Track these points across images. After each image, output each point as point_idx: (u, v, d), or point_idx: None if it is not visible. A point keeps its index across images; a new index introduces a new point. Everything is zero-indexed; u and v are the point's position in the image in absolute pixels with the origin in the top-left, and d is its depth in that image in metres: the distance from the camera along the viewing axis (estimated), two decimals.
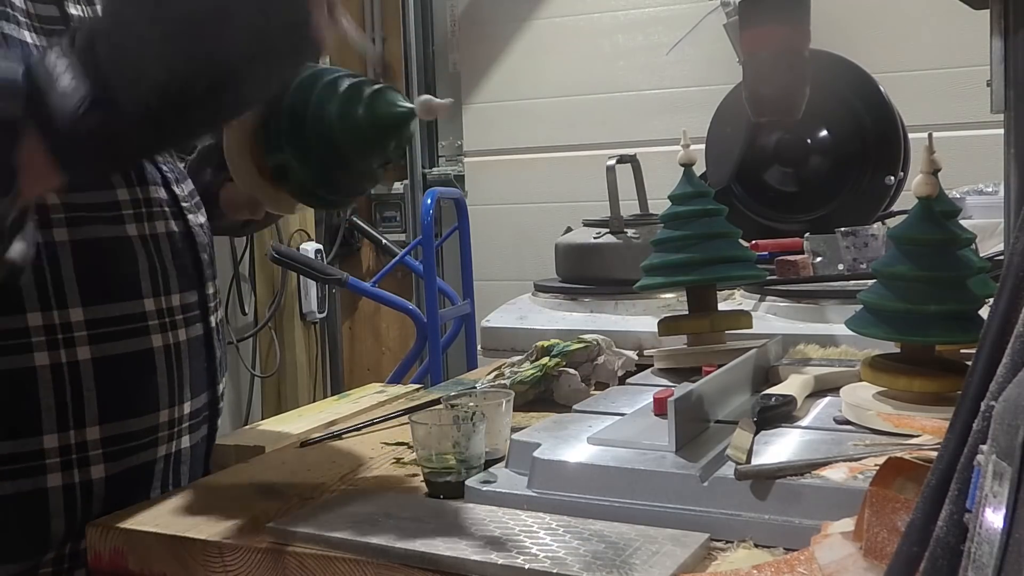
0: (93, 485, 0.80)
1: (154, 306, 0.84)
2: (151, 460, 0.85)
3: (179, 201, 0.89)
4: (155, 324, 0.84)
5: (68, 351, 0.79)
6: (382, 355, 3.63)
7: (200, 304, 0.90)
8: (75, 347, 0.79)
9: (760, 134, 1.72)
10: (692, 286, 1.06)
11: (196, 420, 0.90)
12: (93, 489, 0.80)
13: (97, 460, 0.80)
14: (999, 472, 0.37)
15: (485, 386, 1.03)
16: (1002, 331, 0.42)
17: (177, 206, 0.89)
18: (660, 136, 2.97)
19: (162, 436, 0.85)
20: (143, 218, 0.85)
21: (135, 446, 0.83)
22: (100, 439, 0.80)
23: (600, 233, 1.48)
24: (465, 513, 0.69)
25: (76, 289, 0.79)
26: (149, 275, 0.84)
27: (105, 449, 0.81)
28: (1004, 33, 0.76)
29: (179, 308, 0.87)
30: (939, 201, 0.82)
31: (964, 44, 2.59)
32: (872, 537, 0.53)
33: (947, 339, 0.79)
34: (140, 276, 0.84)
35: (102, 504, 0.81)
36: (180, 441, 0.88)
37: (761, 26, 1.05)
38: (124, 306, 0.82)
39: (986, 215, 1.57)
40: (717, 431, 0.77)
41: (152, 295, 0.84)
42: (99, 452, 0.80)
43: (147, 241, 0.85)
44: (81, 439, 0.80)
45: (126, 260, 0.83)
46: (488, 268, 3.28)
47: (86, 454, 0.80)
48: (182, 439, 0.88)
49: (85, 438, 0.80)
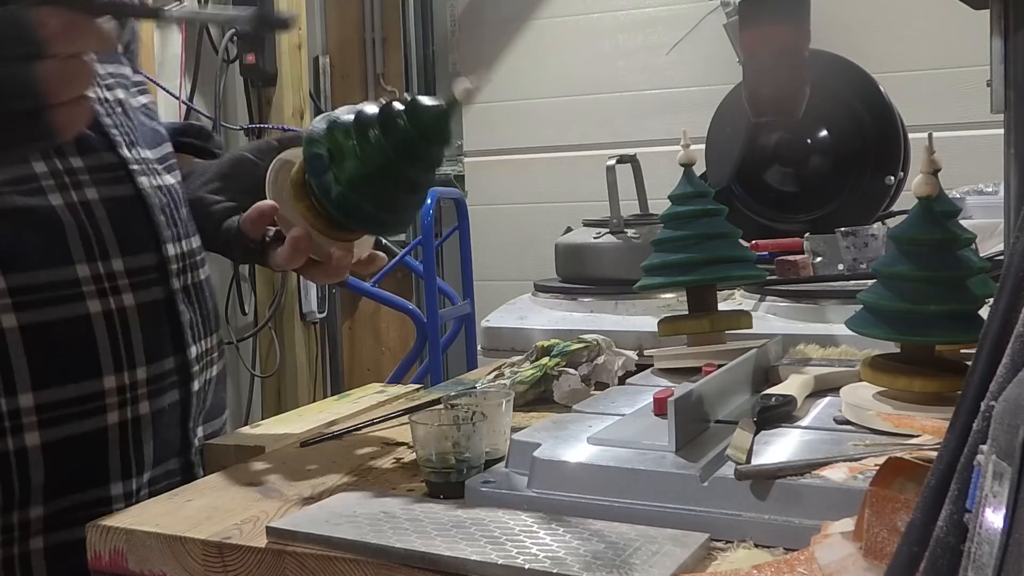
0: (28, 452, 0.80)
1: (88, 272, 0.84)
2: (101, 427, 0.84)
3: (127, 164, 0.88)
4: (91, 290, 0.84)
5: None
6: (382, 355, 3.63)
7: (159, 267, 0.89)
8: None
9: (760, 134, 1.72)
10: (692, 286, 1.06)
11: (158, 385, 0.88)
12: (29, 456, 0.80)
13: (32, 427, 0.80)
14: (999, 472, 0.37)
15: (485, 386, 1.03)
16: (1002, 331, 0.42)
17: (124, 169, 0.88)
18: (660, 136, 2.97)
19: (111, 403, 0.84)
20: (68, 187, 0.84)
21: (76, 412, 0.83)
22: (34, 406, 0.81)
23: (600, 233, 1.48)
24: (465, 513, 0.69)
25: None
26: (81, 241, 0.83)
27: (40, 416, 0.81)
28: (1004, 33, 0.76)
29: (122, 273, 0.86)
30: (939, 201, 0.82)
31: (964, 44, 2.59)
32: (872, 537, 0.53)
33: (947, 339, 0.79)
34: (69, 243, 0.83)
35: (43, 472, 0.81)
36: (137, 407, 0.86)
37: (761, 26, 1.05)
38: (51, 273, 0.82)
39: (986, 215, 1.57)
40: (717, 431, 0.77)
41: (86, 260, 0.84)
42: (33, 419, 0.80)
43: (76, 208, 0.84)
44: (13, 407, 0.80)
45: (50, 229, 0.82)
46: (488, 268, 3.28)
47: (19, 421, 0.80)
48: (139, 405, 0.87)
49: (18, 405, 0.80)
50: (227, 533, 0.70)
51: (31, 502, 0.82)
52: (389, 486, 0.80)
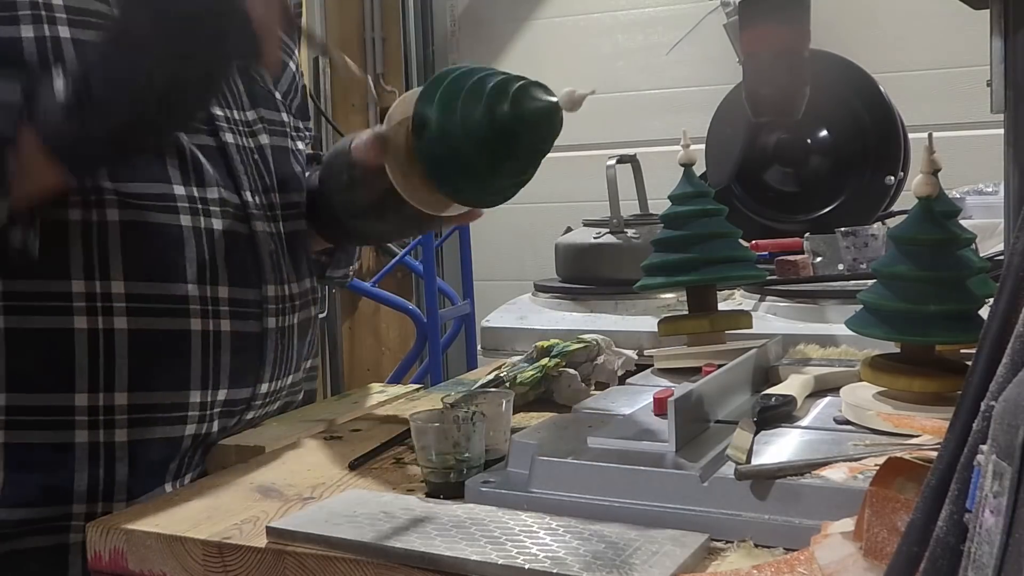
0: (116, 447, 0.85)
1: (197, 292, 0.89)
2: (178, 436, 0.89)
3: (247, 208, 0.94)
4: (196, 309, 0.89)
5: (105, 319, 0.84)
6: (382, 355, 3.63)
7: (258, 303, 0.94)
8: (112, 316, 0.85)
9: (760, 134, 1.72)
10: (692, 286, 1.07)
11: (230, 409, 0.93)
12: (116, 451, 0.86)
13: (122, 424, 0.86)
14: (999, 472, 0.37)
15: (485, 386, 1.03)
16: (1002, 331, 0.42)
17: (244, 211, 0.94)
18: (660, 136, 2.97)
19: (192, 416, 0.89)
20: (199, 213, 0.90)
21: (161, 418, 0.88)
22: (127, 405, 0.86)
23: (600, 233, 1.48)
24: (465, 513, 0.69)
25: (120, 264, 0.85)
26: (197, 263, 0.89)
27: (131, 415, 0.86)
28: (1004, 33, 0.76)
29: (226, 300, 0.91)
30: (939, 201, 0.82)
31: (964, 44, 2.59)
32: (872, 537, 0.53)
33: (947, 339, 0.79)
34: (186, 262, 0.88)
35: (126, 467, 0.86)
36: (211, 425, 0.92)
37: (761, 26, 1.05)
38: (166, 287, 0.87)
39: (986, 215, 1.57)
40: (717, 431, 0.77)
41: (197, 282, 0.89)
42: (124, 417, 0.86)
43: (200, 233, 0.89)
44: (109, 402, 0.85)
45: (172, 245, 0.88)
46: (488, 268, 3.28)
47: (112, 417, 0.85)
48: (213, 423, 0.92)
49: (113, 402, 0.85)
50: (227, 533, 0.70)
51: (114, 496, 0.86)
52: (389, 486, 0.80)
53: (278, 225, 0.99)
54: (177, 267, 0.88)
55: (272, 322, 0.96)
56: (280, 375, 0.99)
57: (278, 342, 0.97)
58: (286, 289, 0.98)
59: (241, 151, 0.96)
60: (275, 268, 0.97)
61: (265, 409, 0.99)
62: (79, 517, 0.85)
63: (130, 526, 0.73)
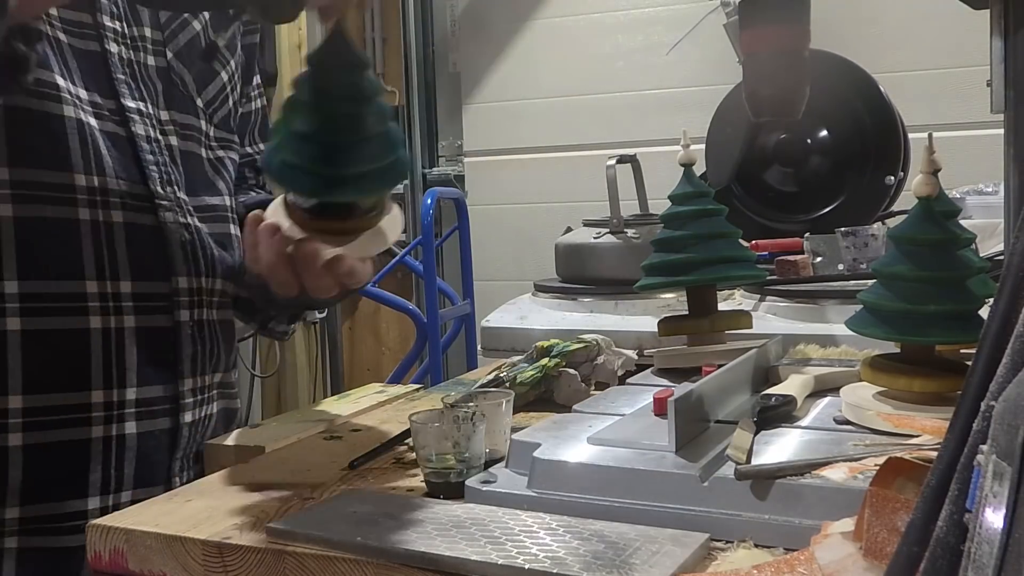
0: (9, 452, 0.84)
1: (97, 288, 0.87)
2: (83, 439, 0.87)
3: (154, 198, 0.92)
4: (95, 306, 0.87)
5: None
6: (382, 355, 3.63)
7: (166, 296, 0.92)
8: (5, 317, 0.83)
9: (760, 134, 1.72)
10: (692, 286, 1.06)
11: (146, 408, 0.91)
12: (9, 455, 0.84)
13: (16, 428, 0.84)
14: (999, 472, 0.37)
15: (485, 386, 1.03)
16: (1002, 331, 0.42)
17: (150, 201, 0.92)
18: (660, 136, 2.97)
19: (96, 416, 0.87)
20: (97, 205, 0.88)
21: (60, 420, 0.86)
22: (22, 408, 0.84)
23: (600, 233, 1.48)
24: (465, 513, 0.69)
25: (14, 265, 0.83)
26: (94, 259, 0.87)
27: (26, 419, 0.84)
28: (1004, 33, 0.76)
29: (129, 295, 0.89)
30: (939, 201, 0.82)
31: (964, 44, 2.59)
32: (872, 537, 0.53)
33: (947, 339, 0.79)
34: (84, 258, 0.86)
35: (21, 472, 0.84)
36: (123, 426, 0.89)
37: (761, 26, 1.04)
38: (62, 284, 0.85)
39: (986, 215, 1.57)
40: (717, 431, 0.77)
41: (96, 278, 0.87)
42: (19, 421, 0.84)
43: (98, 227, 0.88)
44: (1, 406, 0.83)
45: (69, 241, 0.86)
46: (488, 268, 3.28)
47: (5, 421, 0.84)
48: (124, 424, 0.89)
49: (7, 405, 0.83)
50: (227, 533, 0.70)
51: (6, 503, 0.84)
52: (389, 486, 0.80)
53: (192, 219, 0.97)
54: (73, 262, 0.86)
55: (185, 315, 0.94)
56: (204, 370, 0.96)
57: (195, 335, 0.95)
58: (203, 282, 0.96)
59: (152, 142, 0.94)
60: (189, 259, 0.94)
61: (203, 409, 0.97)
62: None
63: (130, 526, 0.73)
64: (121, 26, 0.95)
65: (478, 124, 3.37)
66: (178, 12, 0.99)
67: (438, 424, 0.77)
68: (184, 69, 1.00)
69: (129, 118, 0.92)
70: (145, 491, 0.90)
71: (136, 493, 0.91)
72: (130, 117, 0.92)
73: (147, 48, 0.97)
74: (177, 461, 0.95)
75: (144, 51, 0.97)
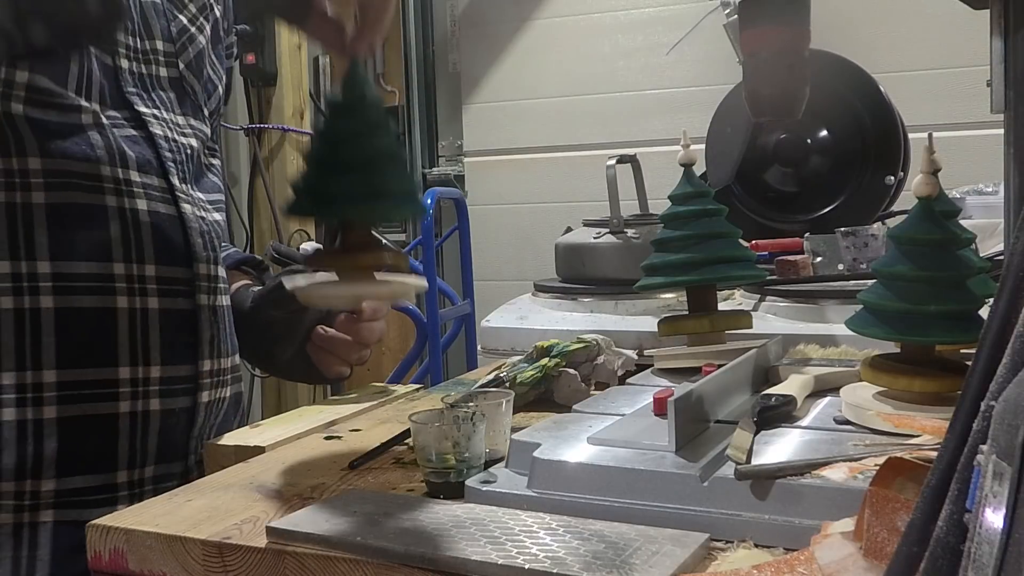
0: (45, 424, 0.88)
1: (124, 271, 0.92)
2: (112, 413, 0.91)
3: (174, 190, 0.98)
4: (122, 287, 0.92)
5: (32, 298, 0.88)
6: (382, 355, 3.63)
7: (188, 281, 0.97)
8: (39, 295, 0.88)
9: (760, 134, 1.72)
10: (692, 286, 1.06)
11: (168, 387, 0.95)
12: (45, 428, 0.88)
13: (51, 401, 0.88)
14: (999, 472, 0.37)
15: (485, 386, 1.03)
16: (1002, 331, 0.42)
17: (171, 193, 0.97)
18: (660, 136, 2.97)
19: (123, 392, 0.92)
20: (123, 193, 0.93)
21: (92, 394, 0.90)
22: (56, 383, 0.88)
23: (600, 233, 1.48)
24: (465, 513, 0.69)
25: (46, 246, 0.88)
26: (121, 241, 0.92)
27: (60, 392, 0.89)
28: (1004, 33, 0.76)
29: (153, 278, 0.94)
30: (939, 201, 0.82)
31: (964, 44, 2.59)
32: (872, 537, 0.53)
33: (947, 339, 0.79)
34: (112, 242, 0.92)
35: (56, 443, 0.88)
36: (148, 403, 0.93)
37: (761, 26, 1.04)
38: (91, 265, 0.91)
39: (986, 215, 1.57)
40: (717, 431, 0.77)
41: (123, 260, 0.92)
42: (53, 395, 0.88)
43: (124, 213, 0.93)
44: (37, 380, 0.88)
45: (98, 223, 0.91)
46: (488, 268, 3.28)
47: (40, 395, 0.88)
48: (149, 400, 0.94)
49: (42, 380, 0.88)
50: (227, 533, 0.70)
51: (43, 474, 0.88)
52: (389, 486, 0.80)
53: (207, 212, 1.03)
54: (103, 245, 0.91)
55: (204, 299, 0.99)
56: (221, 353, 1.01)
57: (212, 320, 1.00)
58: (218, 270, 1.02)
59: (169, 141, 0.99)
60: (207, 247, 1.00)
61: (218, 391, 1.01)
62: (7, 496, 0.87)
63: (130, 526, 0.73)
64: (135, 41, 0.99)
65: (478, 124, 3.37)
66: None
67: (438, 424, 0.77)
68: (194, 79, 1.06)
69: (146, 121, 0.97)
70: (166, 466, 0.96)
71: (158, 468, 0.96)
72: (147, 120, 0.97)
73: (159, 60, 1.02)
74: (193, 439, 0.99)
75: (156, 63, 1.02)
